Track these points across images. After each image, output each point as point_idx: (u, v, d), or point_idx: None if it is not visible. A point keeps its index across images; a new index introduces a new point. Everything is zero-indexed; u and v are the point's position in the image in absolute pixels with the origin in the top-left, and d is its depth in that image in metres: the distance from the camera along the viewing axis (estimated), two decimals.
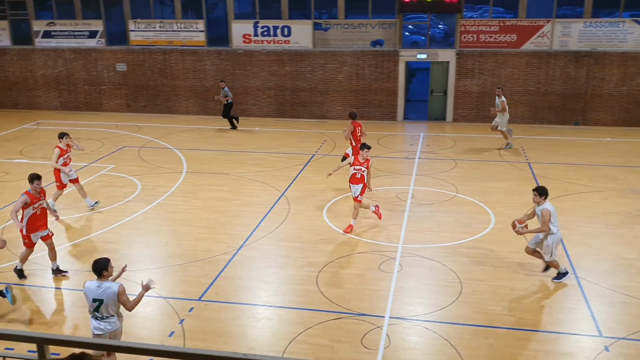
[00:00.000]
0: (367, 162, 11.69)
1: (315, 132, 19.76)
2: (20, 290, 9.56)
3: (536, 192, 9.36)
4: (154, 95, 22.72)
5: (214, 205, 13.23)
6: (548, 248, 9.40)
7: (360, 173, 11.62)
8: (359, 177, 11.64)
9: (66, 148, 12.61)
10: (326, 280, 9.73)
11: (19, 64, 23.48)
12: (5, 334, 3.02)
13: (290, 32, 21.34)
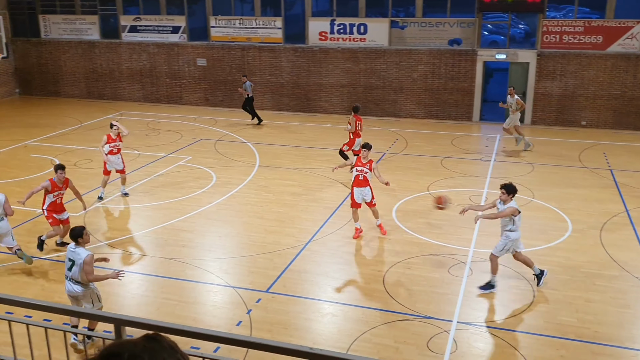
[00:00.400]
0: (370, 163, 11.24)
1: (387, 131, 19.63)
2: None
3: (504, 190, 9.14)
4: (231, 90, 23.24)
5: (284, 199, 13.41)
6: (501, 245, 9.17)
7: (362, 175, 11.20)
8: (361, 179, 11.19)
9: (115, 137, 13.18)
10: (393, 280, 9.67)
11: (106, 56, 24.61)
12: (86, 313, 3.17)
13: (366, 30, 21.29)
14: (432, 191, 13.74)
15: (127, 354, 1.20)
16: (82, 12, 24.50)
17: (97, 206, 12.98)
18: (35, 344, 3.77)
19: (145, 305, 9.15)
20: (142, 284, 9.82)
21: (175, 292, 9.44)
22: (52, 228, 10.67)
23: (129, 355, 1.20)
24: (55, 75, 25.48)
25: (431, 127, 20.10)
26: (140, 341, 1.26)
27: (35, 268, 10.13)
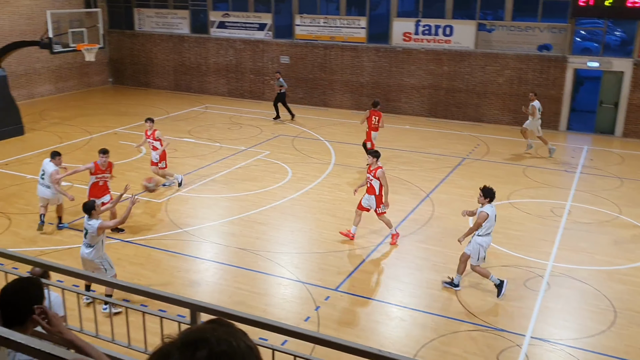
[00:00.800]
0: (375, 170, 10.88)
1: (468, 135, 19.22)
2: (174, 259, 10.41)
3: (481, 193, 9.15)
4: (311, 88, 23.47)
5: (357, 198, 13.36)
6: (474, 252, 9.13)
7: (369, 182, 10.96)
8: (368, 186, 10.99)
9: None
10: (465, 289, 9.46)
11: (194, 51, 25.45)
12: (163, 296, 3.30)
13: (452, 32, 20.91)
14: (511, 200, 13.34)
15: (214, 339, 1.22)
16: (174, 7, 25.45)
17: (179, 194, 13.45)
18: (115, 322, 3.96)
19: (218, 293, 9.40)
20: (217, 272, 10.10)
21: (247, 283, 9.64)
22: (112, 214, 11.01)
23: (216, 339, 1.22)
24: (146, 67, 26.61)
25: (515, 134, 19.47)
26: (215, 326, 1.28)
27: (117, 250, 10.62)
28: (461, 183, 14.49)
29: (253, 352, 1.25)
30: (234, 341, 1.23)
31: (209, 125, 20.05)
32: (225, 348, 1.22)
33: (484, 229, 9.07)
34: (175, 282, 9.60)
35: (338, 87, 23.05)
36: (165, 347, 1.23)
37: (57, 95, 24.65)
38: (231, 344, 1.22)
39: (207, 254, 10.76)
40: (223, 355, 1.21)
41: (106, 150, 11.10)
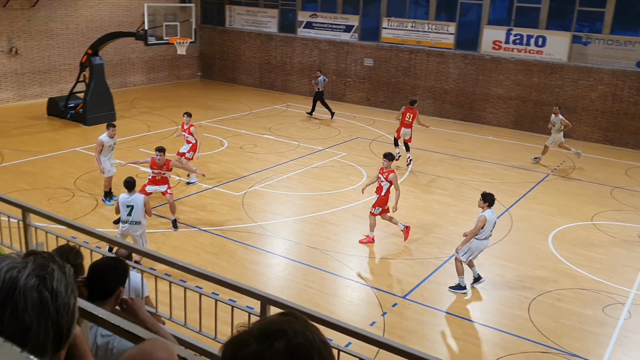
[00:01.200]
0: (389, 173, 10.97)
1: (555, 151, 18.49)
2: (247, 251, 10.62)
3: (481, 197, 9.49)
4: (393, 92, 23.32)
5: (432, 207, 13.20)
6: (465, 247, 9.39)
7: (379, 182, 11.12)
8: (378, 185, 11.15)
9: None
10: (539, 309, 9.12)
11: (281, 50, 25.89)
12: (237, 286, 3.38)
13: (544, 43, 20.20)
14: (596, 222, 12.74)
15: (291, 331, 1.24)
16: (264, 6, 25.99)
17: (255, 188, 13.73)
18: (188, 307, 4.10)
19: (287, 289, 9.52)
20: (287, 268, 10.22)
21: (316, 281, 9.71)
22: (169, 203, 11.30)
23: (293, 332, 1.24)
24: (234, 63, 27.33)
25: (605, 153, 18.60)
26: (291, 319, 1.30)
27: (194, 238, 10.97)
28: (543, 200, 13.97)
29: (327, 347, 1.26)
30: (310, 335, 1.24)
31: (289, 123, 20.33)
32: (302, 341, 1.23)
33: (481, 234, 9.35)
34: (247, 274, 9.80)
35: (421, 92, 22.78)
36: (242, 336, 1.25)
37: (148, 85, 25.75)
38: (307, 337, 1.24)
39: (278, 249, 10.92)
40: (300, 347, 1.22)
41: (162, 148, 11.15)
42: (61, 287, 1.27)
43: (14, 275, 1.23)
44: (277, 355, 1.20)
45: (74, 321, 1.30)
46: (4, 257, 1.29)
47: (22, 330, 1.20)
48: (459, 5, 21.72)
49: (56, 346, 1.26)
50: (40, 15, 21.31)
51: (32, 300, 1.22)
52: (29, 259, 1.28)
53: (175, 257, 9.54)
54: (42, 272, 1.26)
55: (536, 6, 20.32)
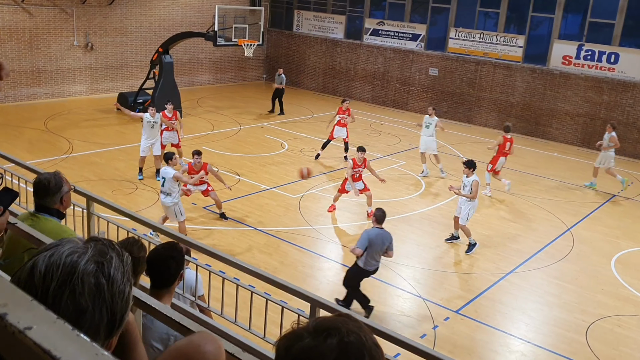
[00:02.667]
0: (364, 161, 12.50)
1: (623, 171, 17.76)
2: (301, 253, 10.69)
3: (465, 165, 11.24)
4: (457, 103, 22.99)
5: (490, 222, 12.92)
6: (465, 213, 11.12)
7: (358, 174, 12.47)
8: (357, 177, 12.50)
9: (171, 115, 14.02)
10: (598, 335, 8.77)
11: (346, 55, 25.98)
12: (289, 287, 3.41)
13: (617, 60, 19.46)
14: None
15: (345, 329, 1.27)
16: (332, 12, 26.15)
17: (312, 192, 13.81)
18: (239, 305, 4.17)
19: (337, 294, 9.50)
20: (338, 273, 10.22)
21: (367, 289, 9.64)
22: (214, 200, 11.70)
23: (347, 330, 1.27)
24: (299, 67, 27.61)
25: None
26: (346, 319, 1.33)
27: (250, 238, 11.14)
28: (607, 222, 13.45)
29: (379, 350, 1.29)
30: (363, 335, 1.27)
31: (350, 129, 20.31)
32: (355, 340, 1.26)
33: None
34: (298, 276, 9.87)
35: (485, 104, 22.37)
36: (298, 331, 1.29)
37: (215, 85, 26.35)
38: (360, 337, 1.27)
39: (332, 254, 10.94)
40: (352, 346, 1.25)
41: (199, 151, 11.29)
42: (118, 274, 1.31)
43: (74, 260, 1.29)
44: (330, 351, 1.23)
45: (128, 308, 1.35)
46: (67, 241, 1.35)
47: (77, 312, 1.25)
48: (529, 18, 21.22)
49: (109, 331, 1.31)
50: (116, 12, 22.18)
51: (89, 285, 1.27)
52: (90, 245, 1.34)
53: (230, 255, 9.73)
54: (101, 258, 1.31)
55: (610, 22, 19.61)
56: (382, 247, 8.61)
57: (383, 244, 8.60)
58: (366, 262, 8.68)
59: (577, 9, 20.73)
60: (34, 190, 3.86)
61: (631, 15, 19.39)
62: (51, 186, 3.78)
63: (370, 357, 1.26)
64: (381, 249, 8.63)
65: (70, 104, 20.75)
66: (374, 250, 8.57)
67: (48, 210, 3.79)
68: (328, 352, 1.23)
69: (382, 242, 8.59)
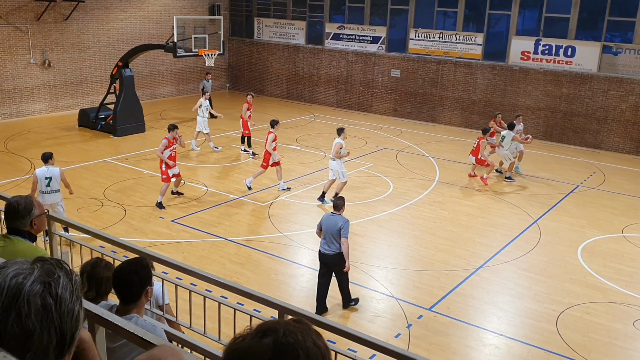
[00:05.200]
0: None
1: (584, 162, 18.19)
2: (273, 261, 10.66)
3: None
4: (420, 103, 23.24)
5: (459, 218, 13.07)
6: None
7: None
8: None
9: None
10: (568, 323, 8.94)
11: (308, 61, 26.05)
12: (255, 295, 3.39)
13: (574, 53, 19.93)
14: (626, 234, 12.46)
15: (282, 330, 1.34)
16: (292, 18, 26.20)
17: (281, 199, 13.78)
18: (208, 316, 4.13)
19: (312, 299, 9.49)
20: (312, 279, 10.20)
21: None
22: (163, 184, 12.91)
23: (284, 331, 1.33)
24: (262, 75, 27.57)
25: (636, 164, 18.22)
26: (290, 321, 1.40)
27: (220, 248, 11.05)
28: (572, 212, 13.74)
29: (320, 351, 1.34)
30: (301, 336, 1.33)
31: (315, 134, 20.40)
32: (292, 340, 1.32)
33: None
34: (272, 284, 9.83)
35: (448, 103, 22.66)
36: (241, 333, 1.39)
37: (177, 97, 26.13)
38: (298, 338, 1.34)
39: (304, 260, 10.93)
40: (287, 346, 1.31)
41: (176, 126, 13.20)
42: (66, 293, 1.29)
43: (19, 281, 1.26)
44: (265, 350, 1.30)
45: (78, 327, 1.33)
46: (12, 263, 1.32)
47: (24, 335, 1.23)
48: (487, 16, 21.60)
49: (59, 352, 1.29)
50: (73, 28, 21.84)
51: (36, 307, 1.25)
52: (36, 265, 1.32)
53: (201, 267, 9.63)
54: (47, 278, 1.29)
55: (565, 16, 20.09)
56: (334, 230, 8.72)
57: (335, 228, 8.71)
58: (321, 244, 8.93)
59: (533, 5, 21.18)
60: (5, 213, 3.95)
61: (585, 9, 19.90)
62: (20, 209, 3.85)
63: (307, 356, 1.31)
64: (335, 233, 8.72)
65: (30, 123, 20.34)
66: (328, 234, 8.77)
67: (20, 232, 3.86)
68: (263, 351, 1.30)
69: (334, 225, 8.72)
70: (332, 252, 8.81)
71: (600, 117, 19.74)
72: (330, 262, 8.88)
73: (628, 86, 19.13)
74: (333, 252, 8.80)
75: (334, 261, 8.84)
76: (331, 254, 8.82)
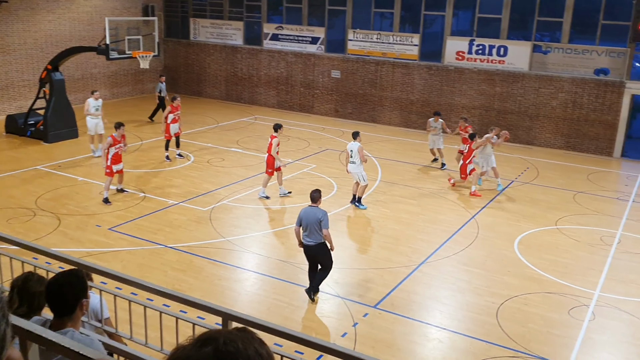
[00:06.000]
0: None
1: (518, 158, 18.82)
2: (216, 267, 10.51)
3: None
4: (361, 103, 23.46)
5: (401, 216, 13.27)
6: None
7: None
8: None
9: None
10: (507, 314, 9.21)
11: (247, 62, 25.86)
12: (197, 303, 3.31)
13: (506, 52, 20.60)
14: (560, 226, 12.97)
15: (223, 339, 1.33)
16: (229, 18, 25.94)
17: (223, 203, 13.60)
18: (150, 325, 4.01)
19: (257, 304, 9.43)
20: (256, 283, 10.13)
21: (287, 295, 9.64)
22: (106, 179, 13.18)
23: (224, 339, 1.33)
24: (199, 76, 27.17)
25: (567, 159, 18.99)
26: (232, 330, 1.40)
27: (161, 256, 10.80)
28: (508, 206, 14.18)
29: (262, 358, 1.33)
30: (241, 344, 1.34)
31: (257, 136, 20.26)
32: (232, 349, 1.32)
33: None
34: (215, 290, 9.68)
35: (388, 103, 22.97)
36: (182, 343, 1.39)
37: (112, 100, 25.40)
38: (238, 346, 1.34)
39: (248, 264, 10.82)
40: (227, 354, 1.31)
41: (122, 123, 13.44)
42: None
43: None
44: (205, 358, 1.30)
45: (4, 347, 1.25)
46: None
47: None
48: (422, 17, 22.02)
49: None
50: None
51: None
52: None
53: (141, 276, 9.38)
54: None
55: (497, 17, 20.73)
56: (314, 221, 9.08)
57: (315, 219, 9.07)
58: (303, 237, 9.24)
59: (466, 6, 21.74)
60: None
61: (516, 9, 20.58)
62: None
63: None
64: (316, 224, 9.07)
65: None
66: (308, 226, 9.10)
67: None
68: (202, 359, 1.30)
69: (314, 217, 9.09)
70: (315, 243, 9.18)
71: (532, 114, 20.47)
72: (314, 252, 9.25)
73: (558, 84, 19.92)
74: (315, 242, 9.18)
75: (317, 251, 9.22)
76: (314, 245, 9.18)
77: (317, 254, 9.27)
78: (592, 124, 19.63)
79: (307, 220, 9.12)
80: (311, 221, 9.10)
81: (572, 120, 19.89)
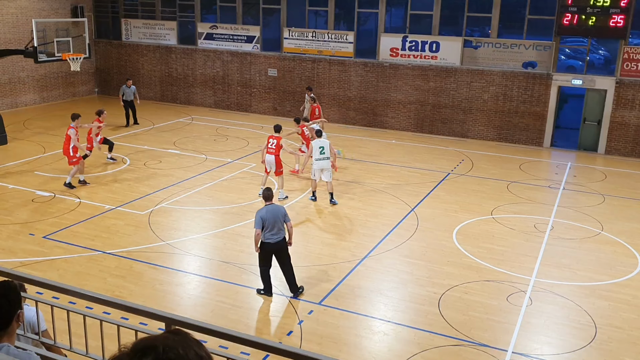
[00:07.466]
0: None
1: (453, 150, 19.33)
2: (156, 271, 10.31)
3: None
4: (299, 101, 23.49)
5: (343, 212, 13.39)
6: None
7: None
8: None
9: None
10: (449, 304, 9.46)
11: (182, 62, 25.43)
12: (138, 309, 3.25)
13: (438, 48, 21.09)
14: (495, 216, 13.41)
15: (162, 346, 1.28)
16: (162, 18, 25.43)
17: (161, 205, 13.35)
18: (91, 334, 3.90)
19: (200, 307, 9.31)
20: (199, 286, 10.00)
21: (230, 296, 9.56)
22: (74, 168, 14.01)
23: (163, 347, 1.28)
24: (133, 77, 26.39)
25: (499, 150, 19.65)
26: (168, 335, 1.35)
27: (99, 262, 10.51)
28: (445, 198, 14.55)
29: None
30: (181, 349, 1.29)
31: (194, 136, 19.98)
32: (173, 356, 1.28)
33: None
34: (157, 295, 9.50)
35: (325, 100, 23.09)
36: (118, 355, 1.32)
37: (42, 104, 24.47)
38: (178, 352, 1.30)
39: (189, 267, 10.66)
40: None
41: (79, 115, 14.37)
42: None
43: None
44: None
45: None
46: None
47: None
48: (356, 14, 22.25)
49: None
50: None
51: None
52: None
53: (79, 284, 9.10)
54: None
55: (429, 13, 21.20)
56: (278, 218, 9.22)
57: (278, 216, 9.21)
58: (266, 237, 9.19)
59: (399, 3, 22.11)
60: None
61: (446, 6, 21.11)
62: None
63: None
64: (280, 220, 9.23)
65: None
66: (271, 224, 9.14)
67: None
68: None
69: (276, 214, 9.21)
70: (280, 238, 9.31)
71: (465, 107, 21.06)
72: (280, 247, 9.33)
73: (489, 77, 20.57)
74: (281, 238, 9.32)
75: (283, 245, 9.35)
76: (280, 240, 9.30)
77: (282, 248, 9.38)
78: (522, 116, 20.38)
79: (274, 218, 9.18)
80: (278, 218, 9.22)
81: (504, 112, 20.59)
